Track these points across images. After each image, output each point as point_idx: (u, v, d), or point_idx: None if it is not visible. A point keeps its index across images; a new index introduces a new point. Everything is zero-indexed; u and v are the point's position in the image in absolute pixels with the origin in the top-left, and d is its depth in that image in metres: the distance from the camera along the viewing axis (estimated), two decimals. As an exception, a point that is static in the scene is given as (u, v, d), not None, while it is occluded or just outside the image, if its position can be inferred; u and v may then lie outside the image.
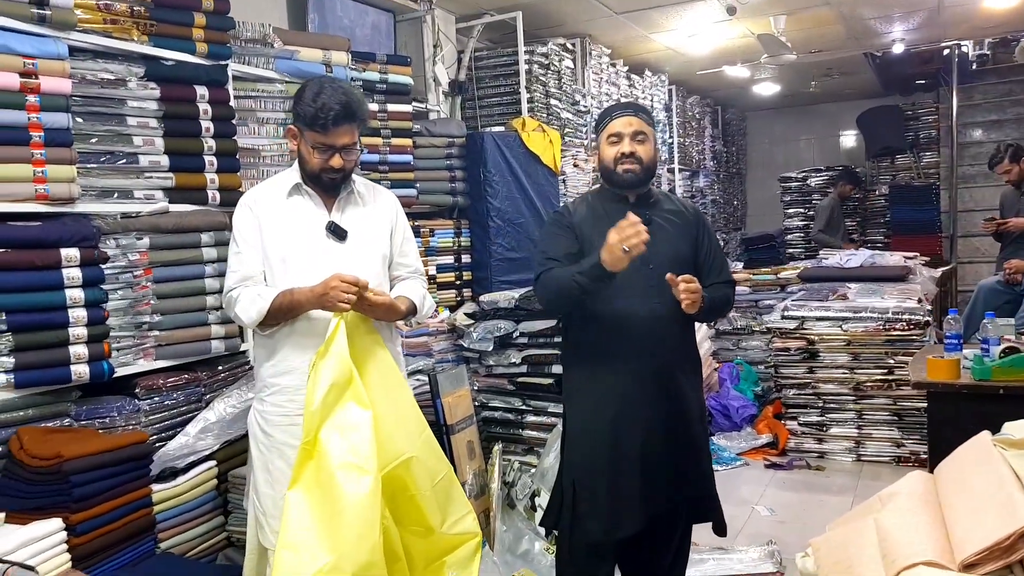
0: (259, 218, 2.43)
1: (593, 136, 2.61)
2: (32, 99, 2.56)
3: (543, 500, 3.46)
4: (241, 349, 3.26)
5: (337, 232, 2.43)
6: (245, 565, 2.52)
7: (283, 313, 2.34)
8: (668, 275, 2.41)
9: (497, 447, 3.70)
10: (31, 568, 2.01)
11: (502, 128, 5.03)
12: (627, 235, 2.27)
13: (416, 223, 4.43)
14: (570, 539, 2.67)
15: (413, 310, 2.52)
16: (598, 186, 2.78)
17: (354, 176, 2.53)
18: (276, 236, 2.42)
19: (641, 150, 2.58)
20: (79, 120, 2.75)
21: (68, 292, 2.61)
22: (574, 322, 2.67)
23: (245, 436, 2.94)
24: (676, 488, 2.61)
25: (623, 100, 6.77)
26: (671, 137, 8.22)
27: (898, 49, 7.52)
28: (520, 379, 4.01)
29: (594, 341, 2.62)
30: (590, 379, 2.63)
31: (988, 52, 8.02)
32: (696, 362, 2.74)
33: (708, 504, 2.71)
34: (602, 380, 2.58)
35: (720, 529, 2.74)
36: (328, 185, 2.44)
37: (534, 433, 4.04)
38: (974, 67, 8.32)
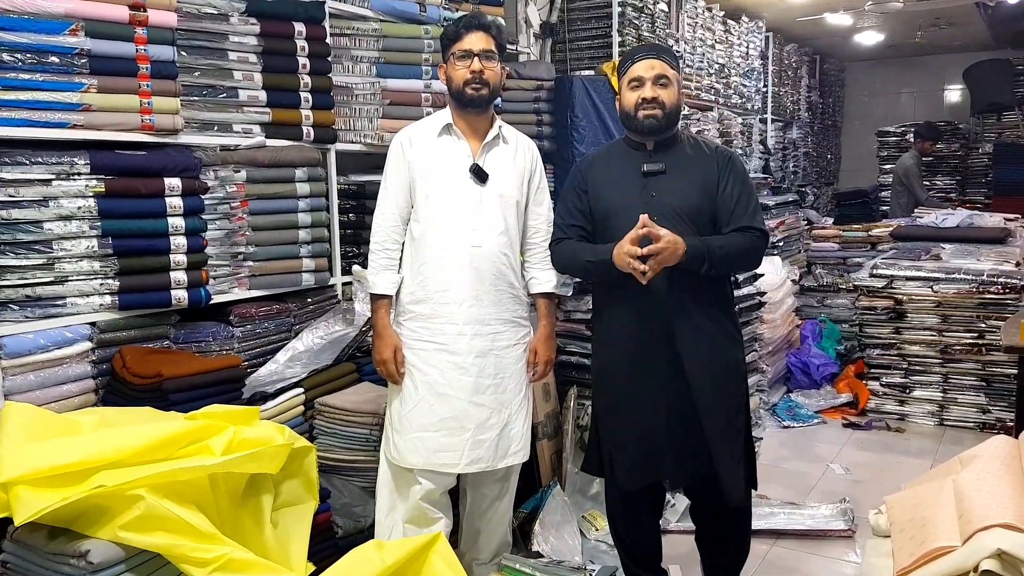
0: (409, 156, 2.61)
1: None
2: (140, 31, 2.66)
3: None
4: (330, 283, 3.36)
5: (479, 174, 2.57)
6: (379, 478, 2.73)
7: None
8: (642, 224, 2.32)
9: (572, 391, 3.73)
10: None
11: (592, 72, 4.96)
12: (626, 263, 2.35)
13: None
14: (608, 484, 2.73)
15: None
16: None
17: (502, 122, 2.65)
18: (424, 173, 2.59)
19: (664, 94, 2.48)
20: (183, 54, 2.83)
21: (170, 220, 2.72)
22: None
23: (332, 366, 3.06)
24: (676, 453, 2.51)
25: (653, 46, 6.57)
26: (765, 86, 7.98)
27: (1013, -1, 7.12)
28: (598, 325, 4.03)
29: (606, 292, 2.64)
30: (604, 330, 2.66)
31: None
32: (717, 321, 2.54)
33: (711, 481, 2.50)
34: (611, 335, 2.61)
35: (732, 505, 2.53)
36: (474, 100, 2.54)
37: (610, 379, 4.05)
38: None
